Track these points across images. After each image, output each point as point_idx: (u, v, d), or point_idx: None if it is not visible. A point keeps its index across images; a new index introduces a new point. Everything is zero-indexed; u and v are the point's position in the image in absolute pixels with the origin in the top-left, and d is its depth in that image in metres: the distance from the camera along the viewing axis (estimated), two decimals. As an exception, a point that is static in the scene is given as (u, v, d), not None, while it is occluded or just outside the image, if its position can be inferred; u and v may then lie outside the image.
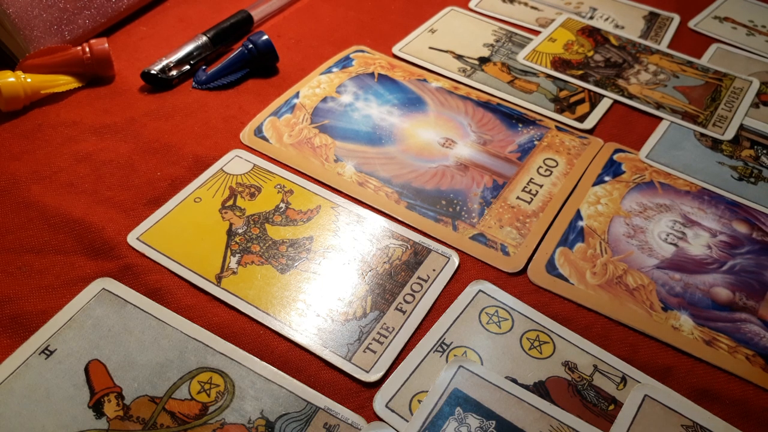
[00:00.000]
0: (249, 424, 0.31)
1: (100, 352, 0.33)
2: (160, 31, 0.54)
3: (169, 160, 0.43)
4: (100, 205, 0.40)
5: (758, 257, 0.39)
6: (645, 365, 0.34)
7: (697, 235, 0.40)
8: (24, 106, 0.46)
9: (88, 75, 0.49)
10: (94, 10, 0.51)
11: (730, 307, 0.37)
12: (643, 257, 0.39)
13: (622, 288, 0.38)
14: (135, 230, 0.39)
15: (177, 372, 0.33)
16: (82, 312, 0.35)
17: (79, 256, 0.38)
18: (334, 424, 0.31)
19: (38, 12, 0.48)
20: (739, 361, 0.35)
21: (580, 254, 0.39)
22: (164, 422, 0.31)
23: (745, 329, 0.36)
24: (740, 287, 0.38)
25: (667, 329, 0.36)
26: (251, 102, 0.49)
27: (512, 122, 0.48)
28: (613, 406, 0.33)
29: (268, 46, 0.50)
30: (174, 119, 0.47)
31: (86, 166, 0.43)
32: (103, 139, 0.45)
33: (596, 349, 0.35)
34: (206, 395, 0.32)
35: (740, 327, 0.36)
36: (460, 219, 0.41)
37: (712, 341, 0.35)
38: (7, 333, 0.34)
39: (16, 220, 0.39)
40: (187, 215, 0.40)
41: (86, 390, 0.32)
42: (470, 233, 0.40)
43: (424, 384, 0.33)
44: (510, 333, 0.35)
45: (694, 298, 0.37)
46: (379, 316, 0.36)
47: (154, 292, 0.36)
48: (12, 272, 0.36)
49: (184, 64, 0.50)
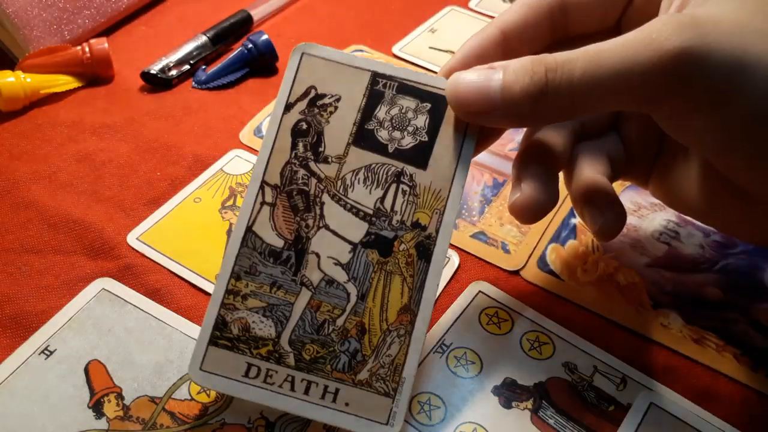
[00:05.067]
0: (249, 424, 0.31)
1: (100, 353, 0.33)
2: (160, 30, 0.54)
3: (169, 160, 0.43)
4: (99, 205, 0.40)
5: (751, 257, 0.39)
6: (645, 366, 0.34)
7: (690, 235, 0.40)
8: (23, 106, 0.46)
9: (87, 75, 0.49)
10: (94, 10, 0.51)
11: (720, 307, 0.37)
12: (635, 255, 0.39)
13: (613, 285, 0.38)
14: (135, 230, 0.39)
15: (177, 372, 0.33)
16: (82, 312, 0.35)
17: (78, 256, 0.38)
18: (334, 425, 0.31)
19: (38, 12, 0.48)
20: (726, 359, 0.35)
21: (572, 251, 0.39)
22: (164, 422, 0.31)
23: (733, 329, 0.36)
24: (731, 287, 0.38)
25: (656, 327, 0.36)
26: (251, 102, 0.49)
27: (512, 122, 0.48)
28: (613, 407, 0.33)
29: (267, 45, 0.50)
30: (174, 119, 0.47)
31: (86, 166, 0.43)
32: (103, 138, 0.45)
33: (596, 350, 0.35)
34: (206, 395, 0.32)
35: (729, 326, 0.36)
36: (460, 217, 0.41)
37: (701, 340, 0.35)
38: (7, 333, 0.34)
39: (16, 220, 0.39)
40: (187, 215, 0.40)
41: (86, 390, 0.32)
42: (471, 231, 0.40)
43: (423, 385, 0.33)
44: (510, 334, 0.35)
45: (684, 296, 0.37)
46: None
47: (154, 292, 0.36)
48: (11, 272, 0.36)
49: (184, 63, 0.50)
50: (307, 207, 0.29)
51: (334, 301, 0.29)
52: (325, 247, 0.29)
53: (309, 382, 0.28)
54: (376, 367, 0.29)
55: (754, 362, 0.35)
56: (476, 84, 0.28)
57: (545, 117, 0.28)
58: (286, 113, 0.30)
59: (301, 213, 0.29)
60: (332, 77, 0.30)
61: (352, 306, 0.29)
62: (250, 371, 0.29)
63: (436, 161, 0.30)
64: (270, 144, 0.30)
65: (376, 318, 0.29)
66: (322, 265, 0.29)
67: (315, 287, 0.29)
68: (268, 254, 0.29)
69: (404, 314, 0.29)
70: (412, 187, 0.30)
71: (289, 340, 0.29)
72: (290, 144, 0.30)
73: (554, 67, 0.26)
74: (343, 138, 0.30)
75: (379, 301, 0.29)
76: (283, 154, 0.30)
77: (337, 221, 0.29)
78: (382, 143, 0.30)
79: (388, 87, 0.30)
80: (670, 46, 0.24)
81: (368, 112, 0.30)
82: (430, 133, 0.30)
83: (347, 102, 0.30)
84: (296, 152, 0.30)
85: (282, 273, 0.29)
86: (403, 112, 0.30)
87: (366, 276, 0.29)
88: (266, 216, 0.29)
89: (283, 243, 0.29)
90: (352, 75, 0.30)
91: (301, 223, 0.29)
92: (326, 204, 0.29)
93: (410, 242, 0.29)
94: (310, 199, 0.29)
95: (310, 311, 0.29)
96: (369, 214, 0.29)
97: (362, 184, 0.30)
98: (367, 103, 0.30)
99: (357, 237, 0.29)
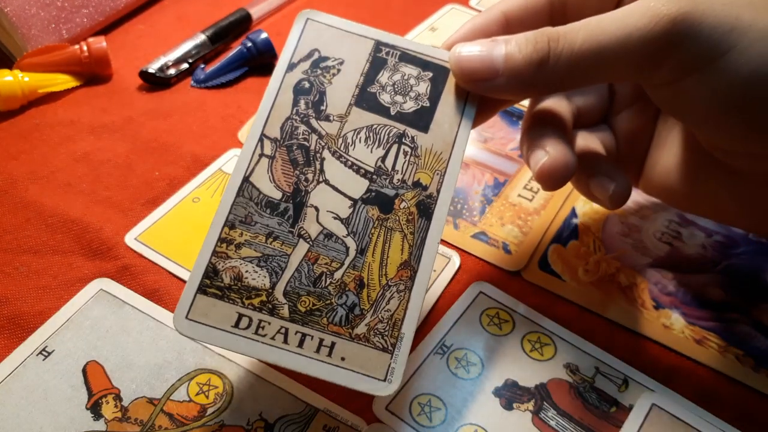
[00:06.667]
0: (248, 425, 0.31)
1: (98, 353, 0.33)
2: (159, 29, 0.54)
3: (167, 160, 0.43)
4: (97, 205, 0.40)
5: (753, 258, 0.39)
6: (647, 367, 0.34)
7: (692, 235, 0.40)
8: (21, 105, 0.46)
9: (85, 74, 0.49)
10: (92, 9, 0.51)
11: (722, 307, 0.37)
12: (637, 256, 0.39)
13: (614, 286, 0.37)
14: (133, 230, 0.39)
15: (175, 373, 0.32)
16: (80, 313, 0.34)
17: (76, 256, 0.37)
18: (334, 426, 0.31)
19: (36, 10, 0.48)
20: (728, 360, 0.34)
21: (574, 251, 0.39)
22: (162, 424, 0.31)
23: (735, 329, 0.36)
24: (733, 287, 0.37)
25: (658, 327, 0.36)
26: (250, 101, 0.48)
27: (513, 120, 0.48)
28: (614, 408, 0.32)
29: (266, 44, 0.50)
30: (172, 118, 0.46)
31: (84, 166, 0.42)
32: (101, 138, 0.44)
33: (598, 351, 0.34)
34: (205, 397, 0.32)
35: (731, 327, 0.36)
36: (461, 217, 0.41)
37: (703, 340, 0.35)
38: (5, 334, 0.34)
39: (14, 220, 0.39)
40: (185, 215, 0.40)
41: (84, 391, 0.31)
42: (471, 232, 0.40)
43: (424, 386, 0.33)
44: (511, 335, 0.35)
45: (686, 297, 0.37)
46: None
47: (152, 292, 0.36)
48: (9, 273, 0.36)
49: (183, 62, 0.50)
50: (307, 161, 0.30)
51: (332, 254, 0.29)
52: (325, 202, 0.29)
53: (303, 335, 0.28)
54: (374, 321, 0.28)
55: (756, 363, 0.34)
56: (480, 52, 0.29)
57: (547, 85, 0.29)
58: (288, 72, 0.31)
59: (300, 167, 0.29)
60: (336, 42, 0.31)
61: (351, 260, 0.29)
62: (240, 322, 0.28)
63: (437, 125, 0.30)
64: (271, 99, 0.31)
65: (375, 273, 0.29)
66: (321, 219, 0.29)
67: (313, 240, 0.29)
68: (264, 205, 0.29)
69: (404, 269, 0.29)
70: (413, 148, 0.30)
71: (284, 291, 0.28)
72: (292, 101, 0.31)
73: (556, 36, 0.27)
74: (346, 98, 0.30)
75: (378, 256, 0.29)
76: (284, 110, 0.30)
77: (338, 177, 0.30)
78: (385, 106, 0.31)
79: (390, 55, 0.31)
80: (666, 11, 0.25)
81: (371, 76, 0.31)
82: (432, 99, 0.31)
83: (350, 66, 0.31)
84: (297, 109, 0.30)
85: (279, 224, 0.29)
86: (405, 79, 0.31)
87: (366, 231, 0.29)
88: (264, 168, 0.29)
89: (281, 195, 0.29)
90: (355, 42, 0.32)
91: (300, 177, 0.29)
92: (326, 160, 0.30)
93: (411, 200, 0.29)
94: (310, 154, 0.30)
95: (307, 263, 0.28)
96: (370, 172, 0.30)
97: (363, 143, 0.30)
98: (370, 68, 0.31)
99: (357, 193, 0.29)
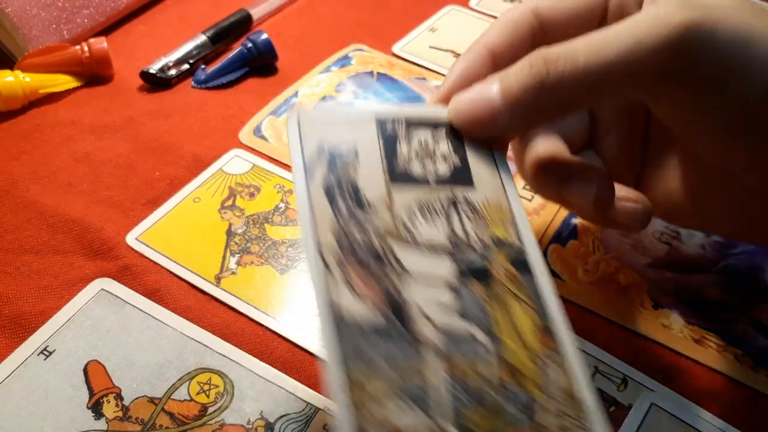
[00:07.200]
0: (248, 425, 0.31)
1: (99, 353, 0.33)
2: (159, 30, 0.54)
3: (168, 160, 0.43)
4: (98, 205, 0.40)
5: (751, 258, 0.39)
6: (646, 367, 0.34)
7: (691, 235, 0.40)
8: (22, 106, 0.46)
9: (86, 74, 0.49)
10: (93, 9, 0.51)
11: (721, 307, 0.37)
12: (636, 255, 0.39)
13: (613, 285, 0.38)
14: (134, 230, 0.39)
15: (176, 373, 0.32)
16: (81, 312, 0.34)
17: (77, 256, 0.37)
18: (335, 425, 0.31)
19: (37, 11, 0.48)
20: (727, 360, 0.34)
21: (573, 251, 0.39)
22: (163, 423, 0.31)
23: (734, 329, 0.36)
24: (732, 287, 0.38)
25: (657, 327, 0.36)
26: (250, 101, 0.48)
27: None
28: (613, 408, 0.32)
29: (267, 45, 0.50)
30: (173, 119, 0.47)
31: (85, 166, 0.43)
32: (102, 138, 0.45)
33: (597, 350, 0.35)
34: (205, 396, 0.32)
35: (730, 327, 0.36)
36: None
37: (702, 340, 0.35)
38: (6, 334, 0.34)
39: (15, 220, 0.39)
40: (186, 215, 0.40)
41: (85, 391, 0.32)
42: (470, 233, 0.40)
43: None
44: (510, 334, 0.35)
45: (685, 297, 0.37)
46: (379, 317, 0.35)
47: (153, 292, 0.36)
48: (10, 272, 0.36)
49: (183, 63, 0.50)
50: (378, 259, 0.25)
51: (468, 353, 0.23)
52: (420, 295, 0.24)
53: None
54: (552, 405, 0.23)
55: (754, 362, 0.34)
56: (473, 99, 0.27)
57: (551, 111, 0.27)
58: (310, 180, 0.27)
59: (377, 269, 0.25)
60: (338, 133, 0.28)
61: (490, 349, 0.24)
62: None
63: (478, 176, 0.28)
64: (307, 211, 0.26)
65: (519, 352, 0.24)
66: (429, 315, 0.24)
67: (437, 344, 0.23)
68: (370, 331, 0.23)
69: (540, 332, 0.25)
70: (472, 207, 0.27)
71: (453, 421, 0.22)
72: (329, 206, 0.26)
73: (554, 57, 0.25)
74: (380, 183, 0.27)
75: (511, 332, 0.24)
76: (325, 216, 0.26)
77: (418, 265, 0.25)
78: (420, 175, 0.28)
79: (396, 125, 0.29)
80: (678, 19, 0.24)
81: (390, 153, 0.28)
82: (459, 153, 0.28)
83: (366, 152, 0.28)
84: (338, 210, 0.26)
85: (397, 347, 0.23)
86: (424, 143, 0.28)
87: (481, 311, 0.25)
88: (342, 286, 0.24)
89: (376, 310, 0.24)
90: (356, 126, 0.28)
91: (384, 280, 0.25)
92: (396, 250, 0.25)
93: (503, 259, 0.26)
94: (378, 252, 0.25)
95: (448, 375, 0.23)
96: (447, 247, 0.26)
97: (422, 219, 0.27)
98: (385, 145, 0.28)
99: (446, 273, 0.25)
